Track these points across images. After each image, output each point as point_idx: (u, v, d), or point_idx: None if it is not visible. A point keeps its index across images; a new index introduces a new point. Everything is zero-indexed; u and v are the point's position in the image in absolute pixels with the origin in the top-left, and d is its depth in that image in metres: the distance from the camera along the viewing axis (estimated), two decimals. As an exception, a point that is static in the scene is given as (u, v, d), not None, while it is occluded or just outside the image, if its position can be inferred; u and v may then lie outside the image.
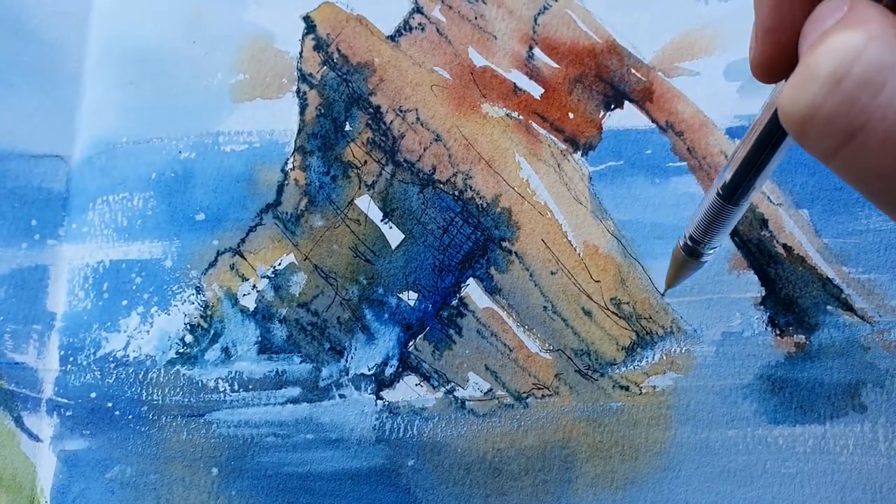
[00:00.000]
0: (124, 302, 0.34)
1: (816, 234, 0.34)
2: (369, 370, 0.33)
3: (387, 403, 0.33)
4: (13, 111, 0.37)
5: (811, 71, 0.16)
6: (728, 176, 0.23)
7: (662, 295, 0.34)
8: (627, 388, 0.33)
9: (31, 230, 0.36)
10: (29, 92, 0.37)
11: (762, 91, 0.34)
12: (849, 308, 0.33)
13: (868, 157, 0.16)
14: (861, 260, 0.33)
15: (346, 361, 0.33)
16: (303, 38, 0.36)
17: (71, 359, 0.34)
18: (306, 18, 0.36)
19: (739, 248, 0.34)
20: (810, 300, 0.33)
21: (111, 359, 0.34)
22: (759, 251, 0.34)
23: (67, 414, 0.33)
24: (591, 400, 0.33)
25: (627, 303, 0.34)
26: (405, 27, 0.36)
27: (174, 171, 0.35)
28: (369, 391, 0.33)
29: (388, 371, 0.33)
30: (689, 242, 0.27)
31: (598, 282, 0.34)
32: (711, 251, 0.27)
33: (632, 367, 0.33)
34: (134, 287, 0.34)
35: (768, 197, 0.34)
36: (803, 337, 0.33)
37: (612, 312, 0.34)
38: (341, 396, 0.33)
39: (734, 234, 0.34)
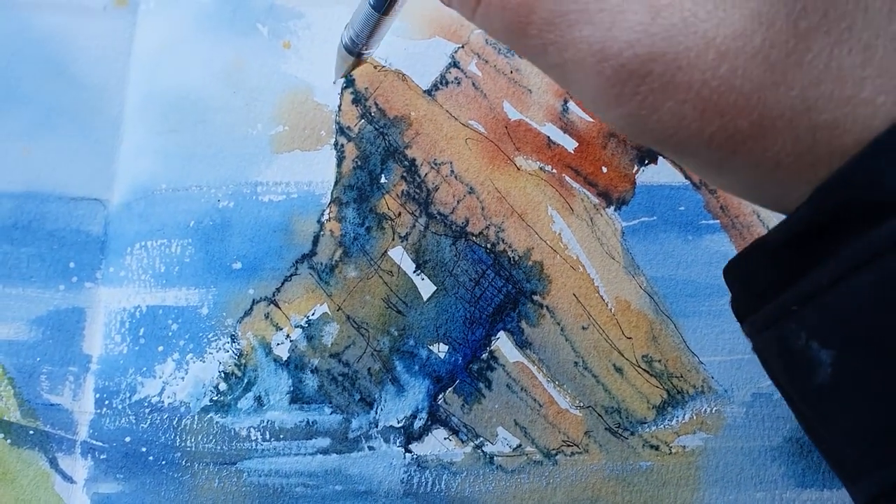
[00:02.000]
0: (160, 348, 0.35)
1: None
2: (398, 423, 0.34)
3: (415, 457, 0.33)
4: (54, 154, 0.37)
5: None
6: None
7: (333, 83, 0.36)
8: (657, 448, 0.33)
9: (69, 272, 0.36)
10: (70, 135, 0.38)
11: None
12: (881, 372, 0.33)
13: (493, 13, 0.20)
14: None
15: (376, 413, 0.34)
16: (342, 92, 0.37)
17: (106, 402, 0.34)
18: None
19: (771, 309, 0.34)
20: (842, 363, 0.33)
21: (146, 404, 0.34)
22: (790, 312, 0.34)
23: (102, 457, 0.34)
24: (621, 458, 0.33)
25: (659, 360, 0.34)
26: (442, 81, 0.37)
27: (213, 220, 0.36)
28: (398, 444, 0.33)
29: (417, 424, 0.34)
30: (348, 43, 0.31)
31: (629, 338, 0.34)
32: (369, 53, 0.32)
33: (662, 426, 0.34)
34: (170, 333, 0.35)
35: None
36: (834, 400, 0.33)
37: (644, 370, 0.34)
38: (370, 448, 0.33)
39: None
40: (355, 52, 0.31)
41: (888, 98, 0.18)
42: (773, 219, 0.35)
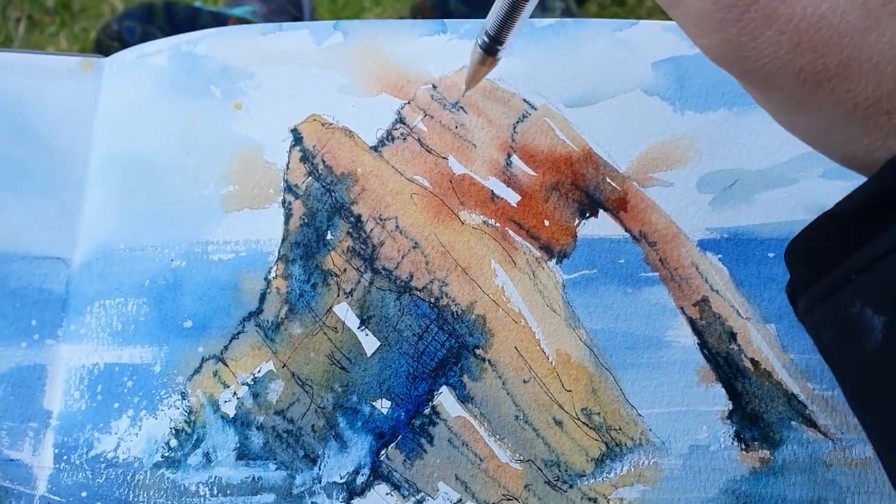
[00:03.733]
0: (116, 404, 0.36)
1: (783, 349, 0.34)
2: (341, 478, 0.34)
3: (359, 511, 0.34)
4: (19, 214, 0.39)
5: None
6: None
7: (463, 95, 0.37)
8: (595, 500, 0.34)
9: (31, 330, 0.37)
10: (34, 196, 0.39)
11: (733, 204, 0.34)
12: (812, 424, 0.33)
13: None
14: (825, 376, 0.34)
15: (320, 469, 0.35)
16: (290, 150, 0.38)
17: (65, 457, 0.36)
18: (294, 131, 0.38)
19: (708, 361, 0.34)
20: (776, 415, 0.34)
21: (102, 459, 0.35)
22: (727, 364, 0.34)
23: (59, 512, 0.35)
24: (557, 513, 0.34)
25: (598, 413, 0.35)
26: (388, 137, 0.38)
27: (166, 279, 0.37)
28: (341, 499, 0.34)
29: (360, 480, 0.34)
30: (486, 39, 0.31)
31: (569, 391, 0.35)
32: (504, 50, 0.31)
33: (600, 478, 0.34)
34: (125, 390, 0.36)
35: (737, 310, 0.35)
36: (768, 452, 0.33)
37: (583, 423, 0.35)
38: (314, 504, 0.34)
39: (704, 346, 0.35)
40: (494, 49, 0.32)
41: None
42: (712, 272, 0.35)
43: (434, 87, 0.39)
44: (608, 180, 0.37)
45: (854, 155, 0.21)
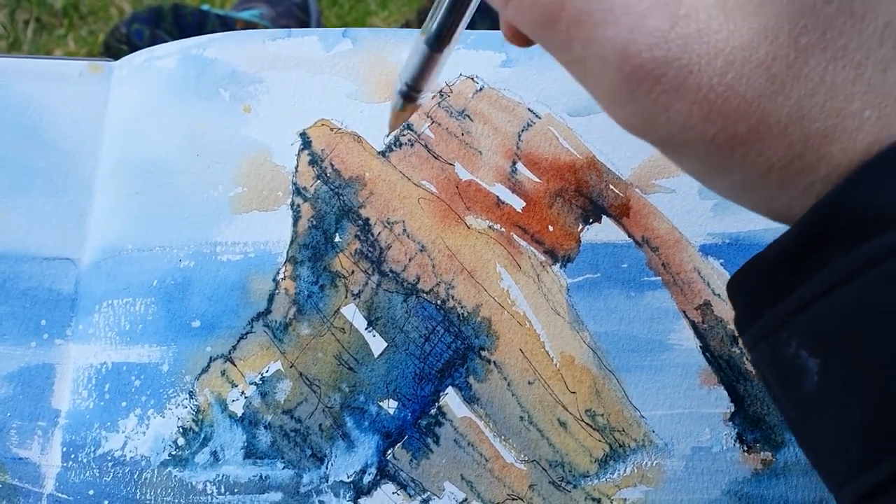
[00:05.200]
0: (123, 403, 0.36)
1: (785, 352, 0.35)
2: (348, 477, 0.35)
3: (365, 510, 0.35)
4: (28, 215, 0.39)
5: None
6: (433, 27, 0.27)
7: (387, 136, 0.37)
8: (599, 501, 0.34)
9: (41, 330, 0.38)
10: (44, 197, 0.40)
11: (734, 210, 0.35)
12: (815, 427, 0.34)
13: (524, 9, 0.22)
14: (828, 379, 0.34)
15: (327, 468, 0.35)
16: (299, 154, 0.38)
17: (72, 456, 0.36)
18: (303, 135, 0.39)
19: (710, 364, 0.35)
20: (777, 417, 0.34)
21: (109, 458, 0.36)
22: (729, 367, 0.35)
23: (66, 510, 0.35)
24: (562, 512, 0.34)
25: (602, 414, 0.35)
26: (396, 143, 0.38)
27: (174, 279, 0.37)
28: (348, 498, 0.35)
29: (367, 479, 0.35)
30: (404, 88, 0.30)
31: (573, 393, 0.35)
32: (423, 96, 0.30)
33: (604, 479, 0.34)
34: (133, 389, 0.36)
35: (739, 314, 0.35)
36: (770, 454, 0.34)
37: (587, 424, 0.35)
38: (321, 503, 0.35)
39: (706, 349, 0.35)
40: (413, 96, 0.32)
41: (873, 113, 0.20)
42: (714, 276, 0.36)
43: (441, 95, 0.39)
44: (611, 187, 0.37)
45: (776, 211, 0.22)
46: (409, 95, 0.31)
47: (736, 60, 0.20)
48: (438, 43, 0.28)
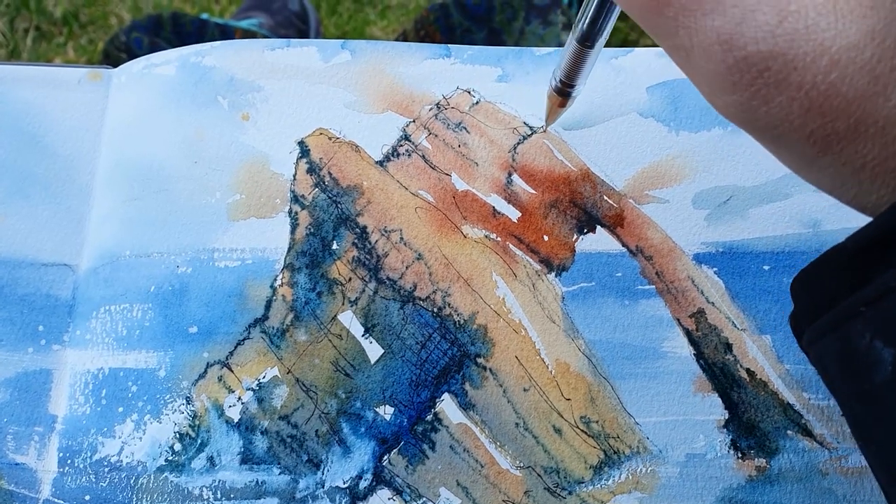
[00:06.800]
0: (120, 409, 0.36)
1: (778, 359, 0.35)
2: (344, 483, 0.35)
3: (361, 515, 0.35)
4: (27, 221, 0.39)
5: None
6: (584, 26, 0.30)
7: (544, 130, 0.38)
8: (593, 507, 0.34)
9: (38, 335, 0.38)
10: (42, 203, 0.40)
11: (728, 219, 0.36)
12: (808, 434, 0.34)
13: None
14: (821, 386, 0.35)
15: (323, 474, 0.35)
16: (297, 162, 0.39)
17: (69, 461, 0.36)
18: (301, 143, 0.39)
19: (704, 371, 0.35)
20: (771, 425, 0.35)
21: (106, 463, 0.36)
22: (723, 375, 0.35)
23: (61, 515, 0.35)
24: (557, 518, 0.34)
25: (596, 421, 0.35)
26: (393, 153, 0.39)
27: (171, 285, 0.37)
28: (344, 504, 0.35)
29: (363, 485, 0.35)
30: (558, 84, 0.34)
31: (568, 400, 0.36)
32: (576, 90, 0.34)
33: (599, 485, 0.35)
34: (130, 395, 0.36)
35: (733, 322, 0.36)
36: (764, 461, 0.34)
37: (582, 430, 0.35)
38: (317, 508, 0.35)
39: (700, 357, 0.36)
40: (566, 91, 0.35)
41: None
42: (708, 284, 0.36)
43: (438, 107, 0.40)
44: (605, 198, 0.38)
45: (864, 206, 0.22)
46: (563, 91, 0.34)
47: (841, 60, 0.20)
48: (589, 39, 0.30)
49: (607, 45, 0.33)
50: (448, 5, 0.85)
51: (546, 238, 0.37)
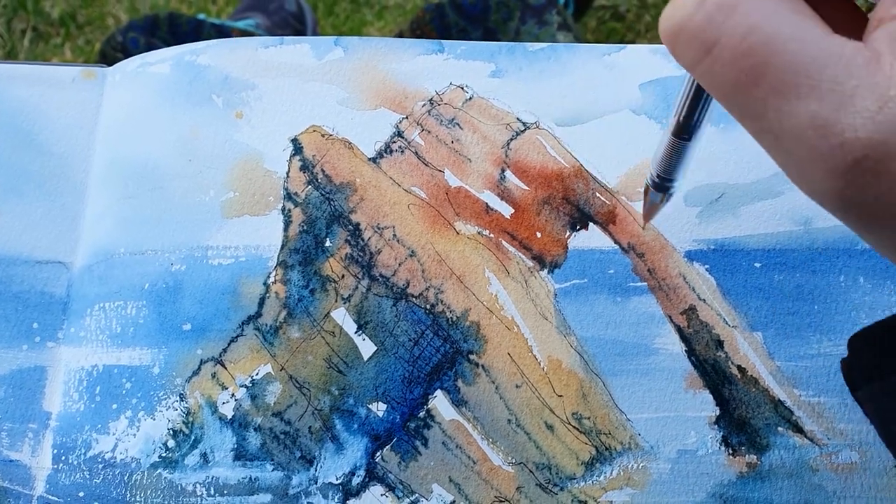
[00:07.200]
0: (114, 406, 0.36)
1: (769, 356, 0.35)
2: (337, 479, 0.35)
3: (354, 511, 0.35)
4: (21, 218, 0.39)
5: None
6: (680, 119, 0.29)
7: (642, 227, 0.37)
8: (585, 503, 0.35)
9: (32, 332, 0.38)
10: (36, 201, 0.40)
11: (719, 217, 0.36)
12: (799, 430, 0.34)
13: (721, 68, 0.21)
14: (811, 383, 0.35)
15: (316, 470, 0.35)
16: (290, 159, 0.39)
17: (63, 458, 0.36)
18: (294, 141, 0.39)
19: (696, 368, 0.36)
20: (762, 421, 0.35)
21: (100, 460, 0.36)
22: (714, 371, 0.35)
23: (55, 512, 0.36)
24: (548, 514, 0.35)
25: (588, 418, 0.36)
26: (386, 150, 0.39)
27: (165, 283, 0.38)
28: (336, 500, 0.35)
29: (355, 481, 0.35)
30: (656, 179, 0.32)
31: (560, 396, 0.36)
32: (675, 185, 0.32)
33: (590, 481, 0.35)
34: (124, 392, 0.37)
35: (724, 319, 0.36)
36: (755, 457, 0.34)
37: (574, 427, 0.35)
38: (310, 504, 0.35)
39: (691, 353, 0.36)
40: (664, 186, 0.33)
41: None
42: (699, 281, 0.37)
43: (431, 103, 0.40)
44: (598, 195, 0.38)
45: None
46: (661, 186, 0.33)
47: None
48: (686, 132, 0.29)
49: (600, 42, 0.33)
50: (444, 5, 0.85)
51: (539, 235, 0.38)
